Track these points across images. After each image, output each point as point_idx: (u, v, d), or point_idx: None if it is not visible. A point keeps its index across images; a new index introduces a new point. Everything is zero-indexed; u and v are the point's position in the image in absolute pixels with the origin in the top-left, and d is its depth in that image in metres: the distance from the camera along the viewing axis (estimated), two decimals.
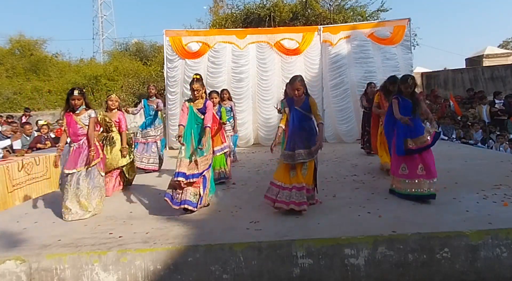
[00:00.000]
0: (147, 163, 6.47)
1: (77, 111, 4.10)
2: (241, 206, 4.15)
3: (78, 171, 4.05)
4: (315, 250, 2.97)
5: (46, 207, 4.53)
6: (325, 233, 3.16)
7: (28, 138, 7.52)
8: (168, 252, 2.98)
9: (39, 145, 7.91)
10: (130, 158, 5.17)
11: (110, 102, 5.21)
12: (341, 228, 3.26)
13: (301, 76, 4.00)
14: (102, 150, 4.53)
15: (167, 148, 9.95)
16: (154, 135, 6.59)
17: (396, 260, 2.96)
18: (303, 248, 2.98)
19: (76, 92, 4.03)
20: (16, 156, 6.18)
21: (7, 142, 6.71)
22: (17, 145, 6.93)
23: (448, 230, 3.07)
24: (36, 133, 8.21)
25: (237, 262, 2.96)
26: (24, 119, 10.53)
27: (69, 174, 4.03)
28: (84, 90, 4.24)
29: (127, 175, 5.22)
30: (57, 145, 4.23)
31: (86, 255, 2.95)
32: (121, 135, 5.09)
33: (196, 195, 3.99)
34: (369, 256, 2.96)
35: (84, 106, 4.14)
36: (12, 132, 7.30)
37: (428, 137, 4.00)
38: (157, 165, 6.55)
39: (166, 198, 3.90)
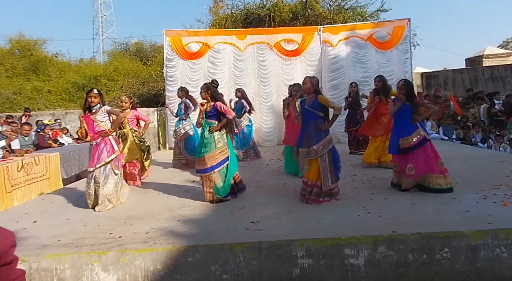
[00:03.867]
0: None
1: (93, 111, 4.36)
2: (241, 206, 4.15)
3: (98, 167, 4.30)
4: (315, 250, 2.97)
5: (46, 207, 4.53)
6: (325, 233, 3.16)
7: (26, 138, 7.42)
8: (168, 252, 2.98)
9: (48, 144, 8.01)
10: (140, 153, 5.60)
11: (121, 103, 5.76)
12: (341, 228, 3.26)
13: (313, 76, 4.43)
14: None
15: (167, 148, 9.97)
16: (177, 136, 6.97)
17: (396, 260, 2.96)
18: (303, 248, 2.98)
19: (94, 91, 4.37)
20: (16, 156, 6.16)
21: (1, 143, 6.65)
22: (15, 145, 6.85)
23: (448, 230, 3.07)
24: (33, 134, 8.14)
25: (237, 262, 2.96)
26: (24, 120, 10.50)
27: (91, 171, 4.32)
28: (101, 92, 4.56)
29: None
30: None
31: (86, 255, 2.95)
32: (145, 124, 5.76)
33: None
34: (369, 256, 2.96)
35: (101, 105, 4.41)
36: (11, 133, 7.26)
37: (414, 139, 4.30)
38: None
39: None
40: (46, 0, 76.39)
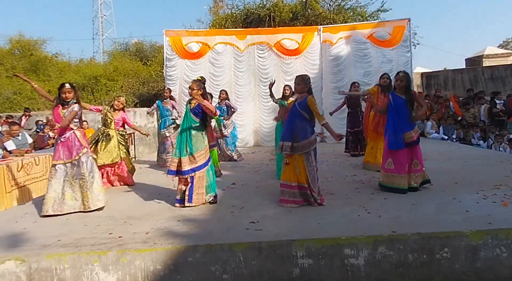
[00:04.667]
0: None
1: (66, 105, 4.17)
2: (241, 206, 4.15)
3: (71, 162, 4.13)
4: (315, 250, 2.97)
5: None
6: (325, 233, 3.16)
7: (19, 138, 7.32)
8: (168, 252, 2.98)
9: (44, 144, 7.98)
10: (123, 155, 5.51)
11: (116, 103, 5.66)
12: (341, 228, 3.26)
13: (305, 75, 4.25)
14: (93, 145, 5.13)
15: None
16: (168, 136, 7.17)
17: (396, 260, 2.96)
18: (303, 248, 2.97)
19: (67, 85, 4.17)
20: (16, 156, 6.16)
21: None
22: (10, 146, 6.78)
23: (448, 230, 3.07)
24: (26, 134, 8.06)
25: (237, 262, 2.96)
26: (24, 119, 10.51)
27: (59, 165, 4.10)
28: (74, 85, 4.30)
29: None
30: None
31: (86, 255, 2.95)
32: (132, 126, 5.81)
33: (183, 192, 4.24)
34: (369, 256, 2.96)
35: (74, 101, 4.19)
36: (6, 134, 7.19)
37: (414, 134, 4.39)
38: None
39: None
40: (46, 0, 76.44)
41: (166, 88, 7.61)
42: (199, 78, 4.44)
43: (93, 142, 5.36)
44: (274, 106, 9.87)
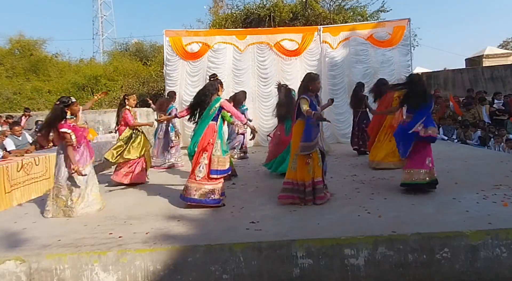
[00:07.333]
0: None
1: (74, 118, 4.25)
2: (241, 206, 4.15)
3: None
4: (315, 250, 2.97)
5: (45, 207, 4.52)
6: (325, 233, 3.16)
7: (20, 138, 7.29)
8: (168, 252, 2.98)
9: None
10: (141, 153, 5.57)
11: (132, 101, 5.99)
12: (341, 228, 3.26)
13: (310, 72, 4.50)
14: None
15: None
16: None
17: (396, 260, 2.96)
18: (303, 248, 2.98)
19: (73, 99, 4.31)
20: (16, 156, 6.16)
21: None
22: (10, 146, 6.76)
23: (448, 230, 3.07)
24: (26, 134, 8.04)
25: (237, 262, 2.96)
26: (24, 119, 10.50)
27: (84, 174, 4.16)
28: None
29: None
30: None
31: (86, 255, 2.95)
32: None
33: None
34: (369, 256, 2.96)
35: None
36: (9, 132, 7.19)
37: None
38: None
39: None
40: (46, 0, 76.43)
41: (172, 92, 7.79)
42: (215, 76, 4.56)
43: (127, 138, 5.54)
44: (274, 106, 9.88)
